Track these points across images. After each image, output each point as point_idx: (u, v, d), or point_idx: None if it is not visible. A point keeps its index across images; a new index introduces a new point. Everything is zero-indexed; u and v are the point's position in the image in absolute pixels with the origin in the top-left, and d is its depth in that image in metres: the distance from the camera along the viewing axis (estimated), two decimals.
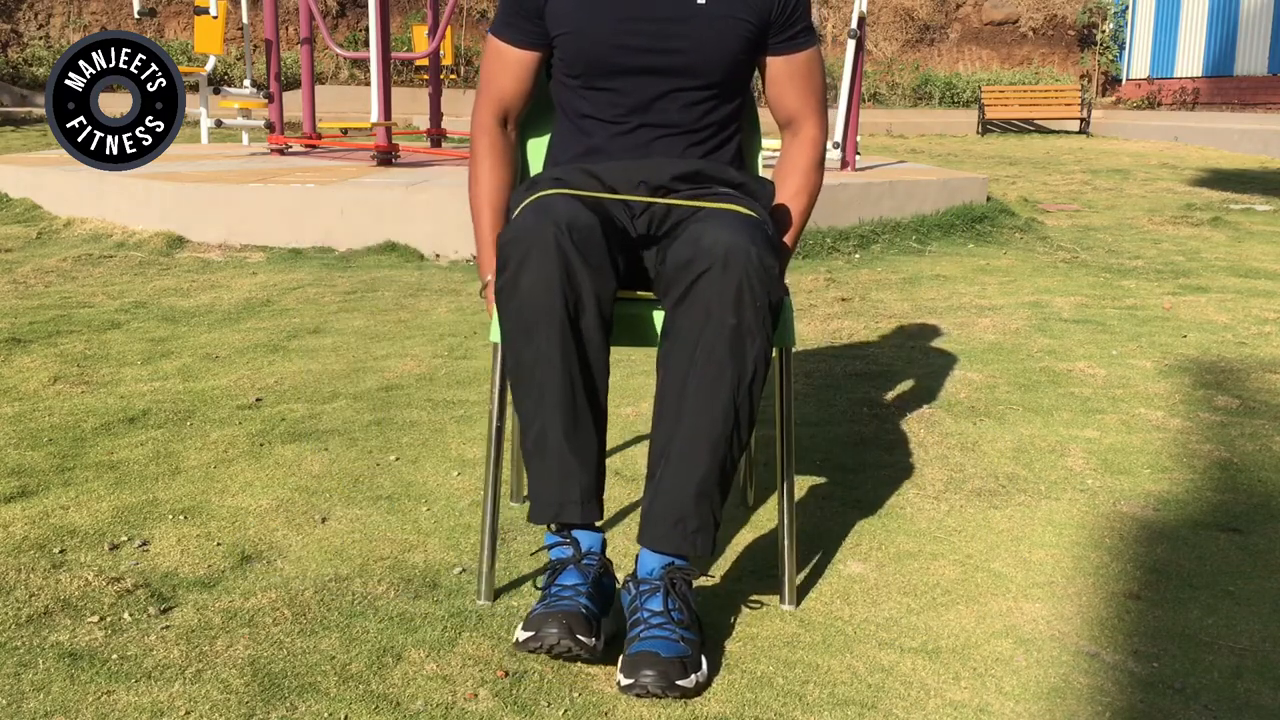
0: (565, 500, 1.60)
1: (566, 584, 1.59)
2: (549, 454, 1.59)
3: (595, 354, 1.60)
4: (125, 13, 18.01)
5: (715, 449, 1.58)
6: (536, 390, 1.58)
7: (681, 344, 1.59)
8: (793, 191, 1.87)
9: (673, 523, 1.59)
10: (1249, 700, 1.53)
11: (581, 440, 1.60)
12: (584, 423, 1.60)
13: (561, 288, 1.55)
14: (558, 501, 1.60)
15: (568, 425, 1.58)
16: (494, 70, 1.91)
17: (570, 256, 1.55)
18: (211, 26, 8.70)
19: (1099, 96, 22.16)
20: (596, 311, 1.59)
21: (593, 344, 1.60)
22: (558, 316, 1.56)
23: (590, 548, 1.63)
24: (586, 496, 1.61)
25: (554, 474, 1.59)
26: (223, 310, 3.82)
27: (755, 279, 1.55)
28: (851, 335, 3.67)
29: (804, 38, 1.86)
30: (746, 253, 1.55)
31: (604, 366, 1.62)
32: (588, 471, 1.61)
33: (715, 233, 1.57)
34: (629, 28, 1.79)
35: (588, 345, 1.59)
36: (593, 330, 1.59)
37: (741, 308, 1.55)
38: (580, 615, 1.53)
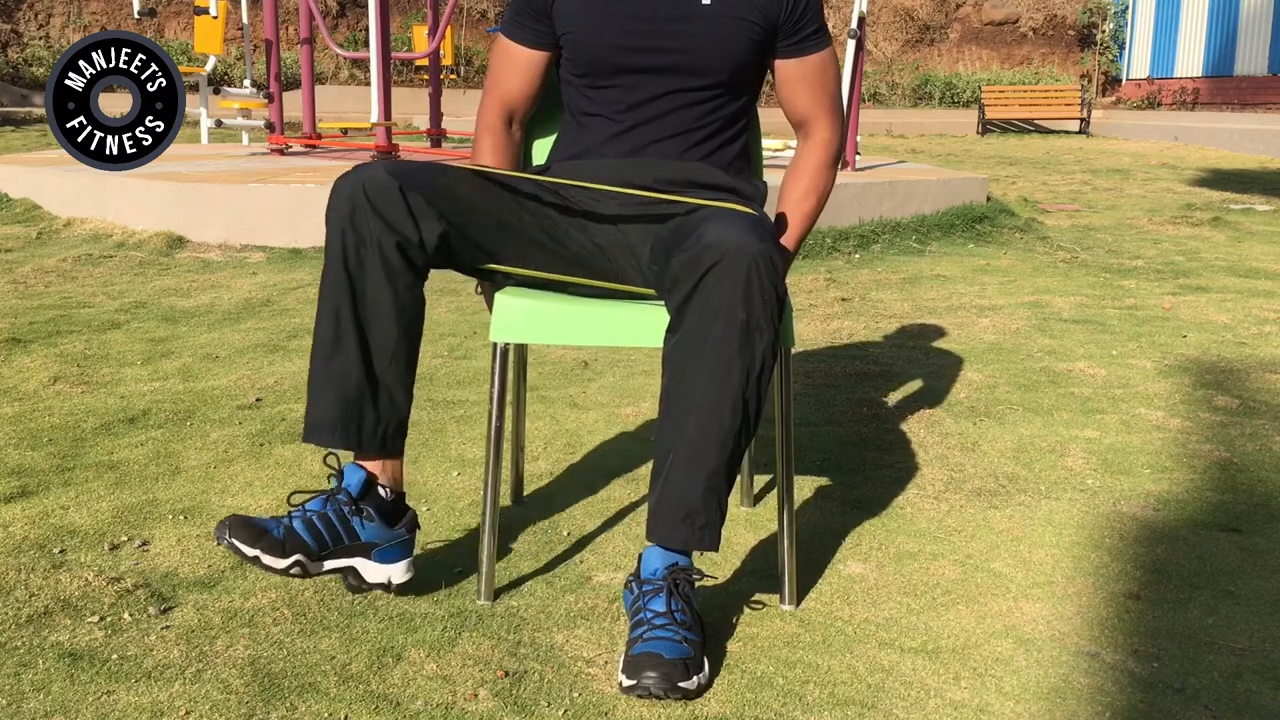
0: (319, 423, 1.69)
1: (307, 506, 1.70)
2: (311, 377, 1.70)
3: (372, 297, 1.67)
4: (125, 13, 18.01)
5: (724, 444, 1.58)
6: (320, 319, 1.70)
7: (690, 339, 1.59)
8: (801, 193, 1.87)
9: (681, 518, 1.59)
10: (1249, 700, 1.53)
11: (338, 371, 1.68)
12: (345, 355, 1.67)
13: (343, 233, 1.65)
14: (313, 423, 1.69)
15: (325, 355, 1.68)
16: (501, 69, 1.91)
17: (358, 207, 1.64)
18: (211, 26, 8.70)
19: (1099, 96, 22.17)
20: (379, 258, 1.65)
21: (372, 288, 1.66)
22: (336, 259, 1.66)
23: (346, 486, 1.72)
24: (340, 425, 1.68)
25: (312, 396, 1.70)
26: (223, 310, 3.82)
27: (764, 274, 1.55)
28: (851, 335, 3.67)
29: (815, 40, 1.85)
30: (753, 247, 1.54)
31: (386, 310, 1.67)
32: (344, 403, 1.68)
33: (721, 230, 1.57)
34: (633, 27, 1.79)
35: (362, 290, 1.66)
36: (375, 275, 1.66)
37: (751, 302, 1.55)
38: (253, 528, 1.62)
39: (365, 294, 1.67)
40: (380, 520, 1.72)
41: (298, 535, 1.65)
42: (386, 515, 1.73)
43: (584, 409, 2.79)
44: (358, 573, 1.71)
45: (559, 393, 2.93)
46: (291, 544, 1.64)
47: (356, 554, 1.70)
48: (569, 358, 3.27)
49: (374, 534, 1.71)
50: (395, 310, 1.68)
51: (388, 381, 1.71)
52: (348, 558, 1.70)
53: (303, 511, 1.68)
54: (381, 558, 1.72)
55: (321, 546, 1.67)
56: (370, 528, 1.71)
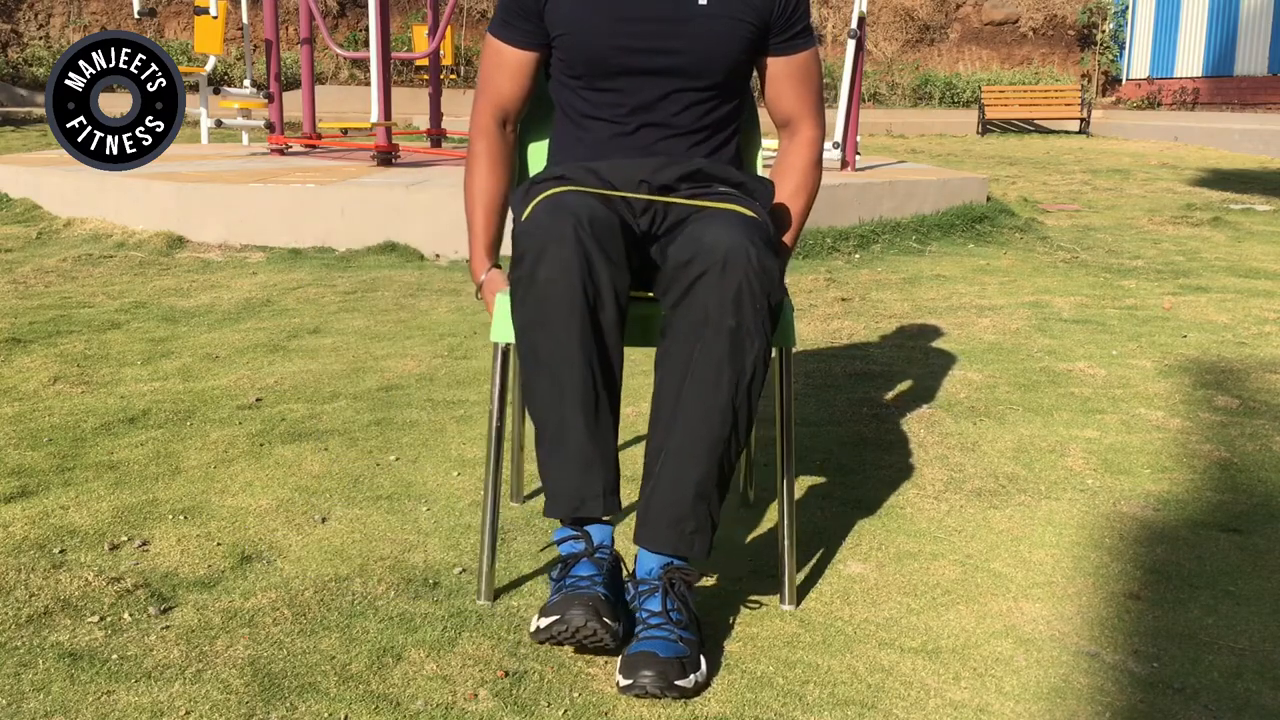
0: (587, 494, 1.58)
1: (583, 574, 1.57)
2: (569, 446, 1.57)
3: (614, 347, 1.60)
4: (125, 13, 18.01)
5: (713, 450, 1.58)
6: (556, 383, 1.57)
7: (680, 344, 1.59)
8: (791, 191, 1.87)
9: (670, 523, 1.59)
10: (1249, 700, 1.53)
11: (602, 433, 1.59)
12: (604, 416, 1.59)
13: (582, 281, 1.54)
14: (579, 495, 1.58)
15: (589, 418, 1.57)
16: (493, 71, 1.91)
17: (590, 249, 1.55)
18: (211, 26, 8.69)
19: (1099, 96, 22.17)
20: (615, 304, 1.58)
21: (612, 337, 1.59)
22: (579, 309, 1.55)
23: (602, 541, 1.62)
24: (608, 489, 1.60)
25: (575, 467, 1.58)
26: (223, 310, 3.82)
27: (755, 281, 1.55)
28: (851, 335, 3.67)
29: (803, 39, 1.86)
30: (746, 254, 1.54)
31: (620, 360, 1.62)
32: (608, 464, 1.60)
33: (715, 233, 1.57)
34: (629, 28, 1.79)
35: (607, 338, 1.58)
36: (611, 323, 1.58)
37: (741, 310, 1.55)
38: (603, 599, 1.52)
39: (609, 348, 1.58)
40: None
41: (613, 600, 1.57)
42: None
43: None
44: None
45: None
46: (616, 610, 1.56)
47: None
48: None
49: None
50: (622, 360, 1.61)
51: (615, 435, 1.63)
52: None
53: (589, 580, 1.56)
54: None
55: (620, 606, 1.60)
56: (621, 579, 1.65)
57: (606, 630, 1.51)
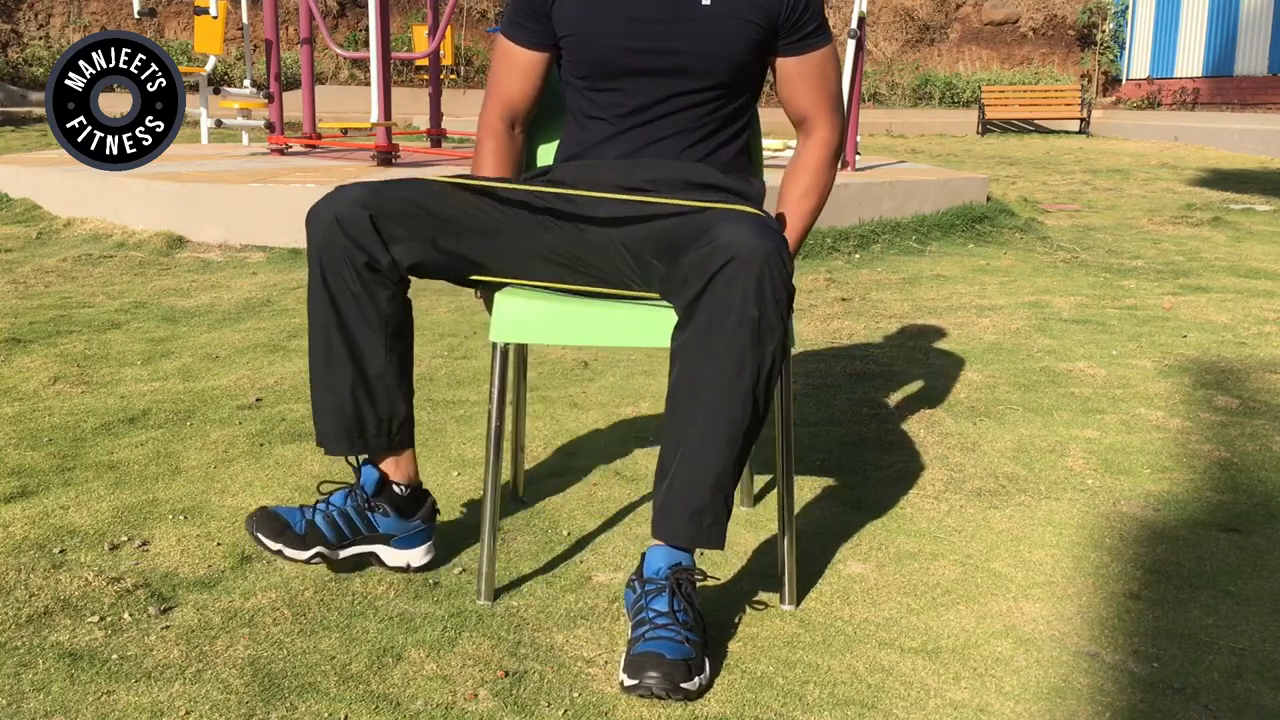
0: (324, 433, 1.79)
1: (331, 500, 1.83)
2: (311, 393, 1.80)
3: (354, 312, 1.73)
4: (125, 13, 18.01)
5: (733, 441, 1.59)
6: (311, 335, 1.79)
7: (702, 335, 1.58)
8: (800, 191, 1.86)
9: (689, 516, 1.60)
10: (1249, 700, 1.53)
11: (333, 383, 1.76)
12: (337, 368, 1.75)
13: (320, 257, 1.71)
14: (320, 434, 1.79)
15: (319, 369, 1.76)
16: (502, 71, 1.91)
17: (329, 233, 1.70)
18: (211, 26, 8.69)
19: (1099, 96, 22.17)
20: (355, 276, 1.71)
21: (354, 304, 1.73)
22: (316, 279, 1.73)
23: (362, 484, 1.83)
24: (343, 433, 1.77)
25: (315, 411, 1.79)
26: (223, 310, 3.82)
27: (776, 273, 1.55)
28: (851, 335, 3.67)
29: (816, 38, 1.85)
30: (765, 247, 1.54)
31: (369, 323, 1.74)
32: (342, 412, 1.77)
33: (733, 231, 1.56)
34: (633, 29, 1.79)
35: (344, 305, 1.73)
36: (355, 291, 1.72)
37: (764, 300, 1.55)
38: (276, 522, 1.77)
39: (346, 309, 1.74)
40: (396, 514, 1.83)
41: (318, 529, 1.79)
42: (401, 509, 1.84)
43: (584, 409, 2.79)
44: (379, 558, 1.84)
45: (559, 393, 2.93)
46: (312, 537, 1.78)
47: (376, 542, 1.84)
48: (569, 358, 3.27)
49: (391, 526, 1.83)
50: (379, 321, 1.76)
51: (385, 384, 1.79)
52: (368, 545, 1.83)
53: (326, 505, 1.82)
54: (400, 545, 1.84)
55: (340, 538, 1.81)
56: (387, 521, 1.83)
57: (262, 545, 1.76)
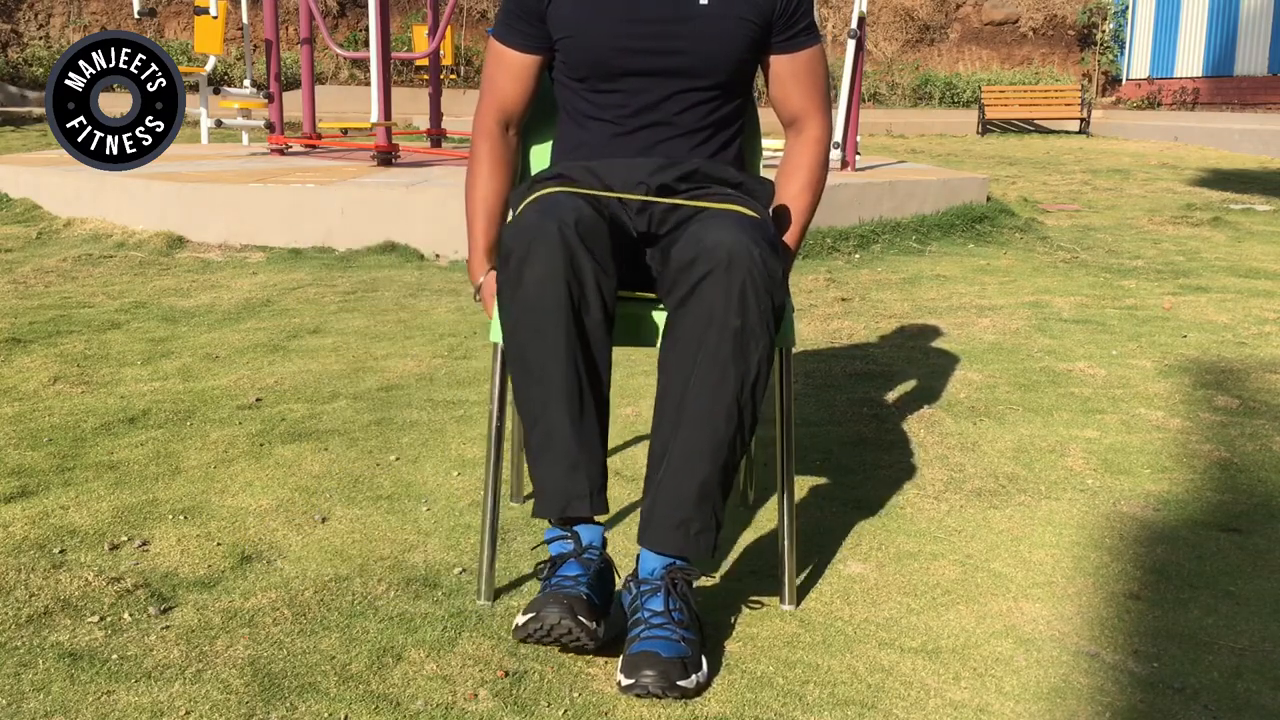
0: (573, 493, 1.59)
1: (568, 575, 1.58)
2: (555, 447, 1.58)
3: (599, 348, 1.60)
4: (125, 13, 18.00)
5: (718, 451, 1.58)
6: (542, 384, 1.58)
7: (684, 345, 1.59)
8: (796, 190, 1.87)
9: (675, 524, 1.59)
10: (1249, 700, 1.53)
11: (587, 433, 1.60)
12: (589, 416, 1.60)
13: (567, 281, 1.55)
14: (565, 494, 1.59)
15: (574, 418, 1.58)
16: (496, 74, 1.91)
17: (575, 250, 1.55)
18: (211, 26, 8.69)
19: (1099, 96, 22.17)
20: (601, 306, 1.58)
21: (597, 338, 1.59)
22: (564, 310, 1.55)
23: (591, 542, 1.63)
24: (595, 489, 1.60)
25: (562, 467, 1.59)
26: (223, 310, 3.82)
27: (759, 280, 1.55)
28: (851, 335, 3.67)
29: (806, 36, 1.86)
30: (750, 254, 1.54)
31: (607, 361, 1.62)
32: (595, 464, 1.61)
33: (718, 234, 1.56)
34: (631, 30, 1.78)
35: (592, 339, 1.59)
36: (597, 325, 1.59)
37: (746, 309, 1.55)
38: (582, 599, 1.52)
39: (594, 348, 1.59)
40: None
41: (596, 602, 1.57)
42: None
43: None
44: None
45: None
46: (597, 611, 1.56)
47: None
48: None
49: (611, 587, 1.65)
50: (610, 360, 1.62)
51: (607, 435, 1.65)
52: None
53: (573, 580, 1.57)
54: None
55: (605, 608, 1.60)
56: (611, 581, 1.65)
57: (583, 629, 1.50)
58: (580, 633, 1.51)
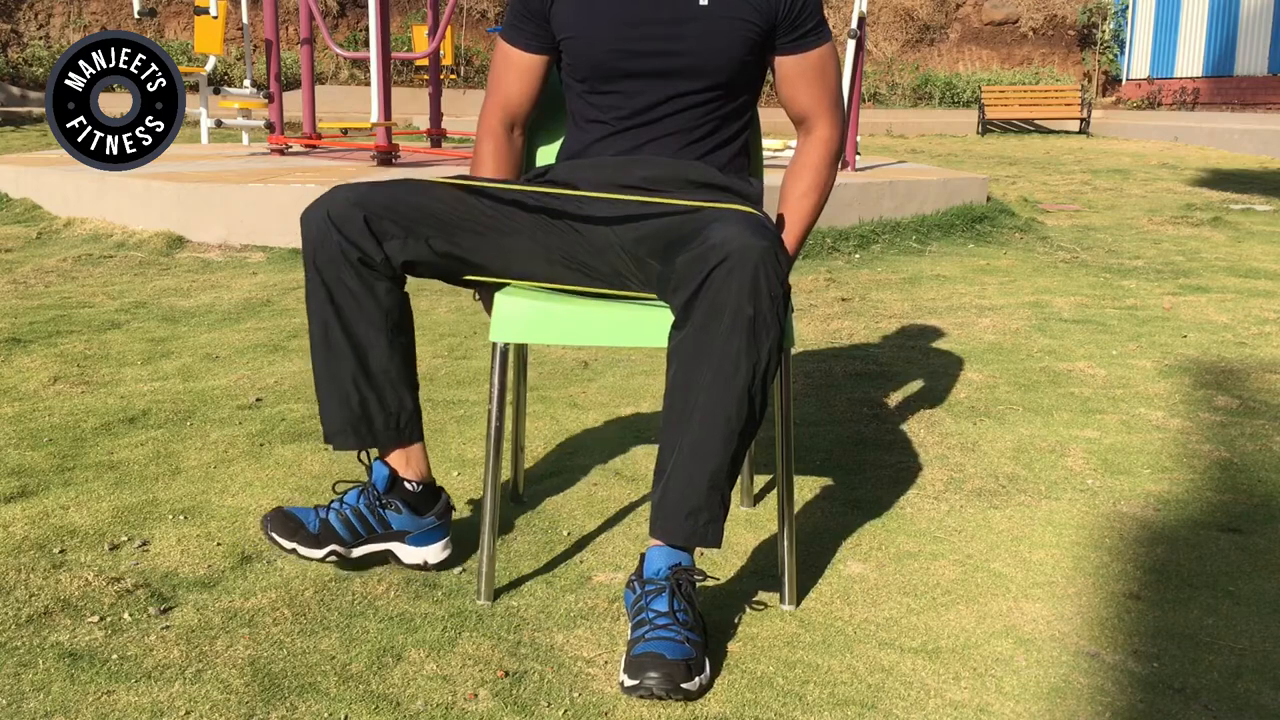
0: (330, 431, 1.79)
1: (344, 498, 1.83)
2: (316, 392, 1.79)
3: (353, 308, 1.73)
4: (125, 13, 18.00)
5: (729, 440, 1.59)
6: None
7: (697, 334, 1.58)
8: (801, 191, 1.86)
9: (685, 514, 1.60)
10: (1249, 700, 1.53)
11: (333, 377, 1.76)
12: (339, 363, 1.75)
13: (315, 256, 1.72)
14: (327, 431, 1.80)
15: (320, 367, 1.76)
16: (501, 74, 1.91)
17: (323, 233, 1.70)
18: (211, 26, 8.70)
19: (1099, 96, 22.17)
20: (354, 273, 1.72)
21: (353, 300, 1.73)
22: (314, 278, 1.73)
23: (373, 481, 1.83)
24: (348, 428, 1.78)
25: (321, 408, 1.79)
26: (223, 310, 3.82)
27: (770, 271, 1.55)
28: (851, 335, 3.67)
29: (814, 36, 1.84)
30: (759, 246, 1.54)
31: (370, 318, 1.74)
32: (347, 407, 1.77)
33: (727, 230, 1.56)
34: (631, 31, 1.78)
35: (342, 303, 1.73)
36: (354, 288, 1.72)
37: (759, 299, 1.55)
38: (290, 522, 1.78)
39: (345, 306, 1.73)
40: (409, 511, 1.83)
41: (332, 528, 1.80)
42: (415, 505, 1.84)
43: (584, 409, 2.79)
44: (395, 555, 1.85)
45: (559, 393, 2.93)
46: (326, 536, 1.79)
47: (391, 540, 1.84)
48: (569, 358, 3.27)
49: (405, 523, 1.83)
50: (379, 315, 1.75)
51: (390, 378, 1.78)
52: (382, 543, 1.84)
53: (340, 504, 1.82)
54: (415, 542, 1.84)
55: (354, 537, 1.81)
56: (400, 518, 1.83)
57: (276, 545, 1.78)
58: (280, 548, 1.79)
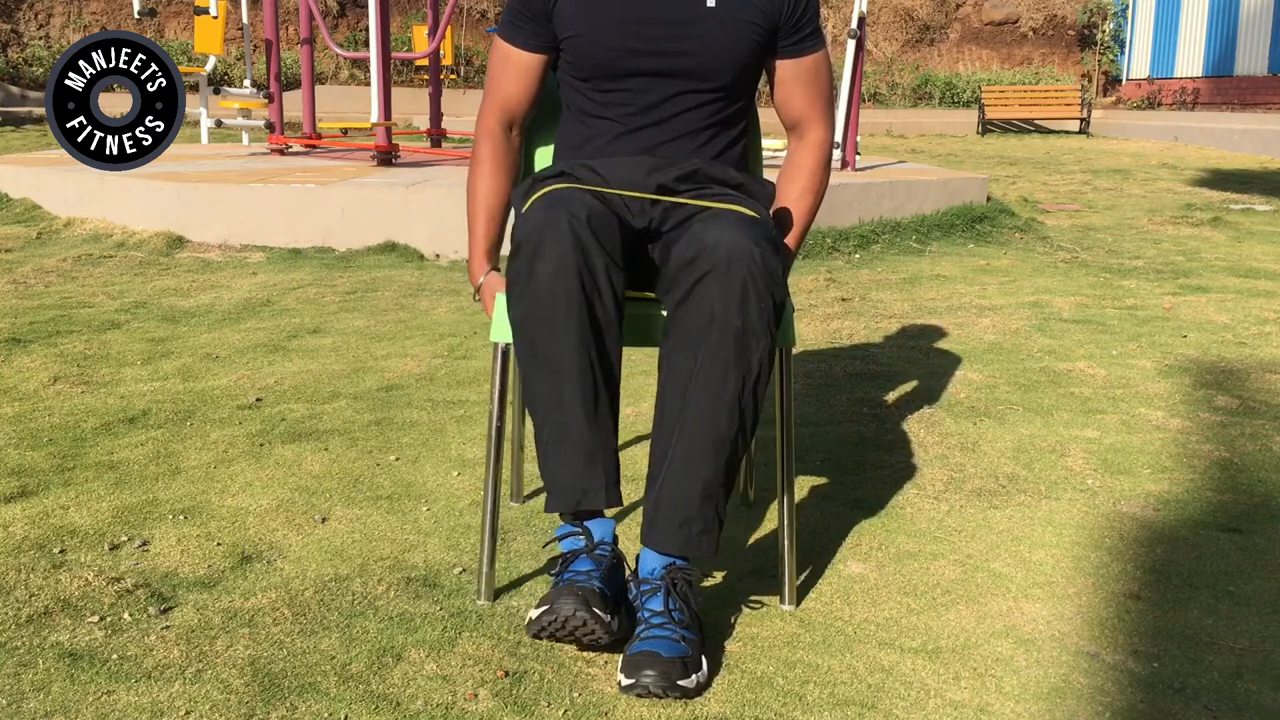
0: (589, 486, 1.58)
1: (581, 570, 1.58)
2: (569, 440, 1.57)
3: (611, 341, 1.60)
4: (125, 13, 18.00)
5: (720, 450, 1.58)
6: (555, 377, 1.57)
7: (685, 344, 1.59)
8: (798, 193, 1.87)
9: (678, 524, 1.59)
10: (1249, 700, 1.53)
11: (602, 426, 1.59)
12: (603, 408, 1.59)
13: (579, 274, 1.54)
14: (580, 488, 1.58)
15: (589, 411, 1.57)
16: (499, 73, 1.91)
17: (586, 243, 1.55)
18: (211, 26, 8.70)
19: (1099, 96, 22.17)
20: (613, 298, 1.58)
21: (609, 331, 1.59)
22: (576, 303, 1.55)
23: (603, 538, 1.62)
24: (610, 481, 1.59)
25: (578, 460, 1.57)
26: (223, 310, 3.82)
27: (759, 280, 1.55)
28: (851, 335, 3.67)
29: (812, 41, 1.86)
30: (750, 253, 1.54)
31: (618, 354, 1.62)
32: (610, 457, 1.60)
33: (718, 233, 1.57)
34: (637, 30, 1.78)
35: (604, 332, 1.58)
36: (609, 317, 1.59)
37: (746, 309, 1.55)
38: (596, 592, 1.51)
39: (607, 340, 1.58)
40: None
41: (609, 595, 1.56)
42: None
43: None
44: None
45: None
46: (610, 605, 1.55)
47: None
48: None
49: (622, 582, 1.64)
50: (621, 353, 1.62)
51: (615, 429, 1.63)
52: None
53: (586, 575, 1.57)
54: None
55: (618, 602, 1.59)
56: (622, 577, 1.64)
57: (597, 621, 1.50)
58: (595, 625, 1.50)
